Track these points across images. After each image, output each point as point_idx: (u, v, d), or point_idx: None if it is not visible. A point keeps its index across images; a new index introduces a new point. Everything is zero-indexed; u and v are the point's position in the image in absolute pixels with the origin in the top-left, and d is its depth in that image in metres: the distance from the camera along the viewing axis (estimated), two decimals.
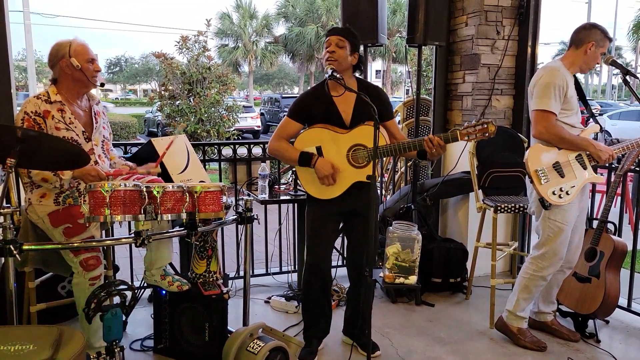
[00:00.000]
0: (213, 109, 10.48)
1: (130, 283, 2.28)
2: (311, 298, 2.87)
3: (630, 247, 3.25)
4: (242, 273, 3.41)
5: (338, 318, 3.11)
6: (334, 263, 3.96)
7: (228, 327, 2.79)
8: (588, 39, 2.78)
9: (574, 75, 2.87)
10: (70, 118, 2.57)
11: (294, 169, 3.17)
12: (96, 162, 2.63)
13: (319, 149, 2.64)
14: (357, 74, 2.77)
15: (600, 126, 2.86)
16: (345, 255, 2.99)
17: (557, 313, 3.26)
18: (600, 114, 20.88)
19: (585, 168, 2.82)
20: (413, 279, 3.62)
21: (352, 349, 2.88)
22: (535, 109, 2.80)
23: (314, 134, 2.67)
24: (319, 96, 2.69)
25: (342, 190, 2.65)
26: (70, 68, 2.58)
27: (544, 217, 2.90)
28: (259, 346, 2.49)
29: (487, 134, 2.46)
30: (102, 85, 2.68)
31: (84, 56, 2.58)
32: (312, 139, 2.66)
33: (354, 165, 2.64)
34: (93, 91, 2.80)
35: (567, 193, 2.82)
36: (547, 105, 2.75)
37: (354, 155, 2.63)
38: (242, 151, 3.98)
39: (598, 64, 2.79)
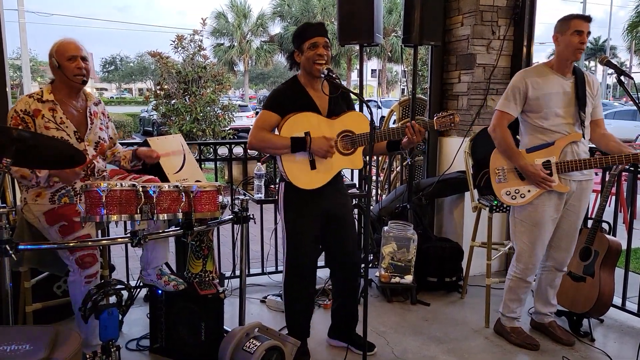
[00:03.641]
0: (209, 108, 10.47)
1: (126, 282, 2.28)
2: (298, 303, 2.82)
3: (624, 247, 3.27)
4: (238, 272, 3.41)
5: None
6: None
7: (224, 327, 2.79)
8: (553, 36, 2.85)
9: (576, 76, 2.84)
10: (61, 118, 2.56)
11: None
12: (91, 163, 2.62)
13: (307, 134, 2.58)
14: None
15: (583, 134, 2.84)
16: (329, 256, 2.94)
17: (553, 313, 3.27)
18: None
19: (550, 175, 2.81)
20: (409, 278, 3.64)
21: (347, 348, 2.89)
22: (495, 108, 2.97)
23: (301, 119, 2.59)
24: (294, 90, 2.66)
25: (330, 177, 2.64)
26: (53, 68, 2.57)
27: (511, 215, 3.01)
28: (255, 345, 2.49)
29: (453, 125, 2.57)
30: (84, 82, 2.59)
31: (63, 54, 2.55)
32: (300, 125, 2.58)
33: (342, 152, 2.63)
34: (90, 90, 2.78)
35: (521, 196, 2.86)
36: (500, 105, 2.91)
37: (342, 142, 2.63)
38: (238, 150, 3.98)
39: (583, 43, 2.74)
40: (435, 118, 2.58)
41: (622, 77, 2.71)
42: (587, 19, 2.77)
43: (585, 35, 2.76)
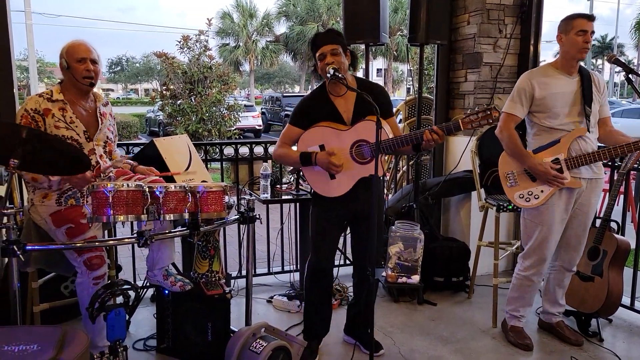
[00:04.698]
0: (214, 108, 10.48)
1: (133, 283, 2.29)
2: (314, 298, 2.87)
3: (633, 246, 3.24)
4: (244, 272, 3.41)
5: (340, 317, 3.11)
6: (335, 262, 3.97)
7: (231, 327, 2.79)
8: (557, 36, 2.84)
9: (582, 74, 2.82)
10: (71, 117, 2.57)
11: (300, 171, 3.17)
12: (97, 163, 2.63)
13: (322, 147, 2.64)
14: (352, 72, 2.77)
15: (589, 129, 2.80)
16: (349, 255, 2.97)
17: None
18: None
19: (561, 172, 2.79)
20: (415, 278, 3.62)
21: (354, 348, 2.88)
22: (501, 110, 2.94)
23: (315, 133, 2.66)
24: (318, 99, 2.70)
25: (348, 187, 2.64)
26: (63, 68, 2.59)
27: (521, 215, 3.01)
28: (262, 346, 2.49)
29: (491, 120, 2.43)
30: (92, 85, 2.61)
31: (73, 56, 2.55)
32: (314, 138, 2.66)
33: (358, 162, 2.63)
34: (96, 90, 2.79)
35: (535, 197, 2.85)
36: (507, 107, 2.89)
37: (358, 151, 2.62)
38: (243, 151, 3.98)
39: (588, 43, 2.71)
40: (463, 117, 2.46)
41: (630, 75, 2.69)
42: (591, 18, 2.75)
43: (589, 34, 2.73)
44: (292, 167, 3.45)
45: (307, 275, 2.85)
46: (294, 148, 2.76)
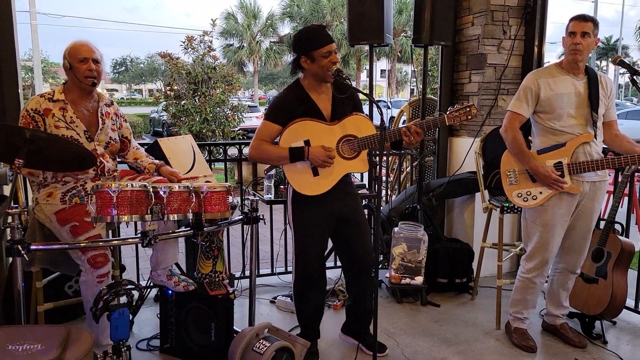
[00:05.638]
0: (218, 108, 10.51)
1: (136, 283, 2.29)
2: (308, 305, 2.83)
3: (637, 248, 3.23)
4: (247, 273, 3.42)
5: (342, 318, 3.11)
6: (337, 263, 3.97)
7: (234, 327, 2.79)
8: (562, 37, 2.84)
9: (589, 76, 2.81)
10: (71, 117, 2.58)
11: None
12: (100, 162, 2.64)
13: (307, 142, 2.57)
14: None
15: (595, 135, 2.79)
16: (344, 258, 2.94)
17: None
18: None
19: (562, 176, 2.78)
20: (419, 279, 3.62)
21: (357, 349, 2.88)
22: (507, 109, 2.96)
23: (300, 128, 2.58)
24: (297, 96, 2.63)
25: (333, 183, 2.61)
26: (66, 69, 2.60)
27: (522, 216, 3.01)
28: (265, 346, 2.49)
29: (470, 117, 2.56)
30: (94, 84, 2.61)
31: (75, 56, 2.56)
32: (299, 133, 2.57)
33: (344, 157, 2.61)
34: (100, 91, 2.80)
35: (533, 198, 2.84)
36: (512, 106, 2.89)
37: (344, 147, 2.61)
38: (247, 151, 3.98)
39: (576, 44, 2.70)
40: (447, 113, 2.56)
41: (635, 77, 2.68)
42: (584, 19, 2.73)
43: (579, 35, 2.71)
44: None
45: (297, 279, 2.78)
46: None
